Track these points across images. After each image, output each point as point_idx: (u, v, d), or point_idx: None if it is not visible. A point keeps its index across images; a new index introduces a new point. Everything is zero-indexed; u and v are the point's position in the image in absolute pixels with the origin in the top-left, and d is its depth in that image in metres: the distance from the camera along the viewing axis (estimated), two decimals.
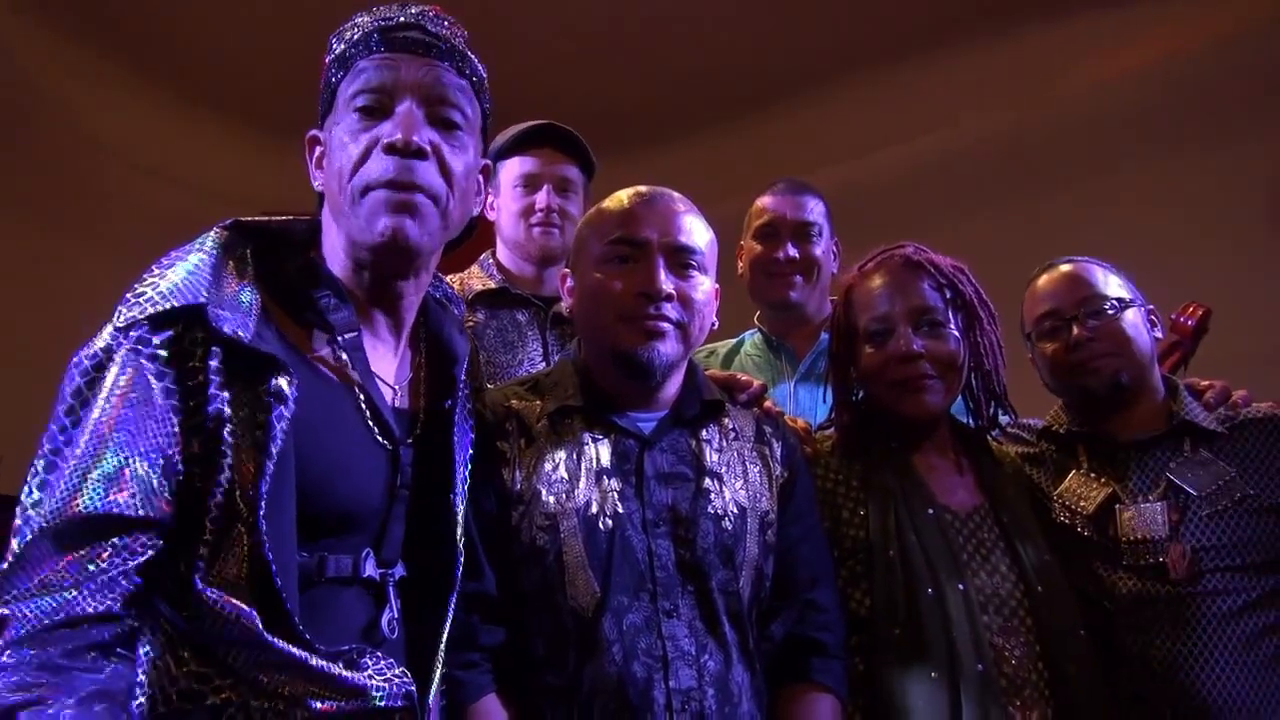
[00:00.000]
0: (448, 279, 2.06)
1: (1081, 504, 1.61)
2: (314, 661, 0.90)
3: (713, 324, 1.41)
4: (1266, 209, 3.67)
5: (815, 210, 2.12)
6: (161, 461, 0.88)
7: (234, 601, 0.87)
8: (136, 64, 4.20)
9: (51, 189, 4.11)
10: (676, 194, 1.42)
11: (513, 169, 2.06)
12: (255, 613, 0.87)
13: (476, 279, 2.09)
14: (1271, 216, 3.66)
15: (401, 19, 1.07)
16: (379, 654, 1.00)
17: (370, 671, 0.97)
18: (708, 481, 1.33)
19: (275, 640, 0.88)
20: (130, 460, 0.87)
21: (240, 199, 4.63)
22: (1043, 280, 1.73)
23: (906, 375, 1.50)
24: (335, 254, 1.10)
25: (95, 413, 0.87)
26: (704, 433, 1.38)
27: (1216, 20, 3.76)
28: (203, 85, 4.34)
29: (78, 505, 0.84)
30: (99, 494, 0.85)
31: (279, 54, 3.85)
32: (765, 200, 2.15)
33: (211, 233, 1.02)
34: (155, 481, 0.87)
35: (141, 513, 0.86)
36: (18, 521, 0.84)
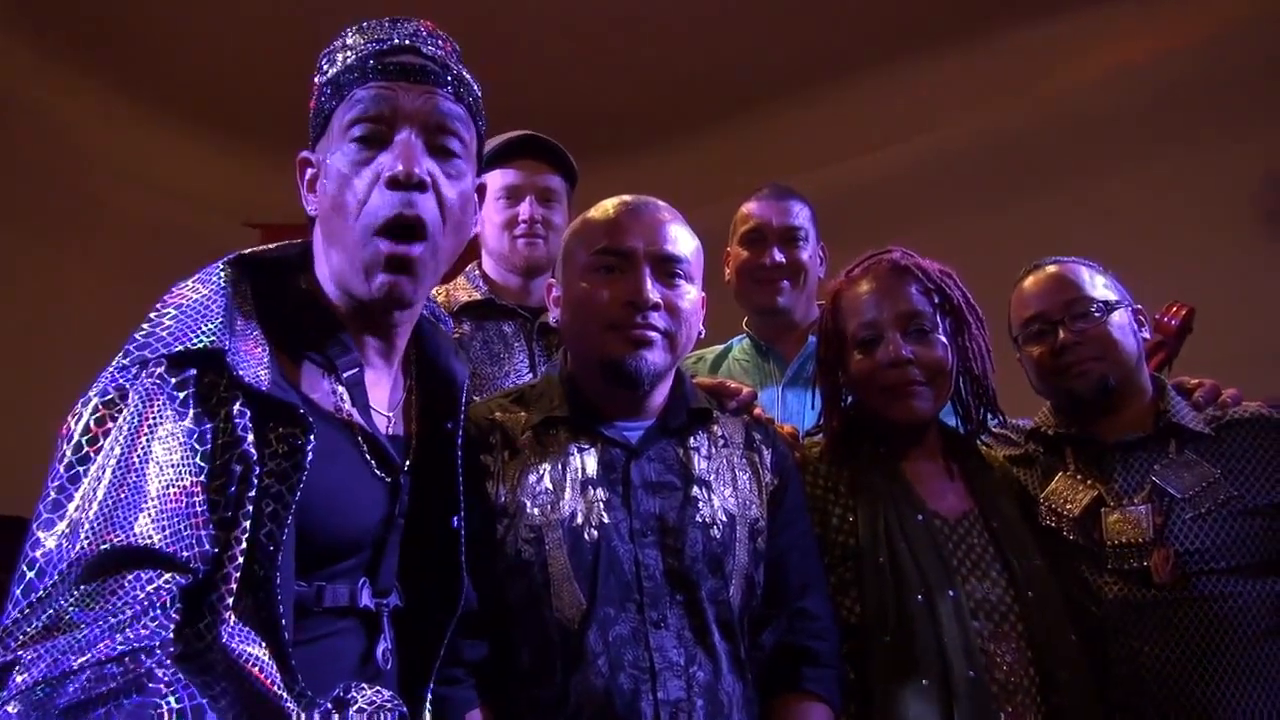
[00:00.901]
0: (433, 290, 2.07)
1: (1067, 507, 1.61)
2: None
3: (700, 332, 1.40)
4: (1255, 206, 3.69)
5: (801, 215, 2.12)
6: (191, 499, 0.84)
7: (257, 657, 0.84)
8: (121, 75, 4.18)
9: (37, 200, 4.09)
10: (662, 203, 1.41)
11: (495, 181, 2.05)
12: (276, 672, 0.85)
13: (462, 290, 2.08)
14: (1260, 214, 3.68)
15: (395, 40, 1.05)
16: (365, 685, 0.98)
17: (360, 703, 0.96)
18: (696, 490, 1.32)
19: (285, 702, 0.86)
20: (163, 493, 0.82)
21: (226, 209, 4.62)
22: (1029, 282, 1.72)
23: (896, 381, 1.50)
24: (329, 280, 1.08)
25: (118, 448, 0.82)
26: (692, 441, 1.38)
27: (1205, 18, 3.79)
28: (187, 95, 4.32)
29: (106, 540, 0.78)
30: (128, 527, 0.79)
31: (265, 64, 3.84)
32: (751, 206, 2.15)
33: (218, 269, 1.00)
34: (186, 520, 0.83)
35: (171, 549, 0.81)
36: (25, 569, 0.77)
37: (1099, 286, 1.67)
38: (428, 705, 1.11)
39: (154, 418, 0.85)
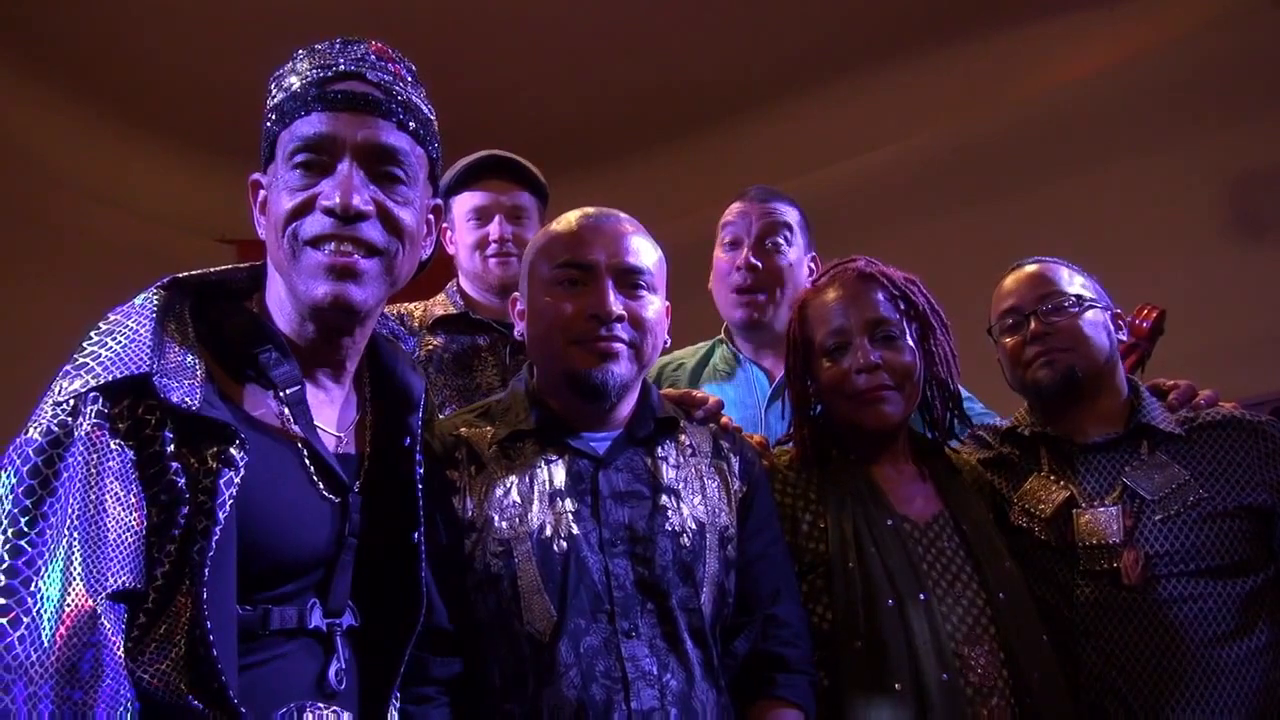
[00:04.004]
0: (412, 305, 2.08)
1: (1040, 507, 1.61)
2: None
3: (665, 340, 1.41)
4: (1225, 208, 3.73)
5: (785, 215, 2.00)
6: (139, 537, 0.88)
7: (173, 683, 0.86)
8: (85, 91, 4.12)
9: (4, 224, 4.04)
10: (623, 214, 1.42)
11: (464, 203, 2.06)
12: (192, 698, 0.86)
13: (439, 306, 2.10)
14: (1230, 215, 3.72)
15: (341, 67, 1.05)
16: (320, 705, 0.99)
17: None
18: (665, 499, 1.32)
19: (199, 706, 0.86)
20: (119, 540, 0.86)
21: (200, 225, 4.59)
22: (1008, 280, 1.74)
23: (865, 387, 1.50)
24: (279, 303, 1.09)
25: (58, 504, 0.85)
26: (660, 450, 1.38)
27: (1170, 22, 3.82)
28: (153, 111, 4.26)
29: (86, 607, 0.82)
30: (101, 584, 0.83)
31: (232, 77, 3.80)
32: (733, 206, 2.04)
33: (149, 294, 1.01)
34: (138, 559, 0.87)
35: (133, 586, 0.86)
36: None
37: (1076, 284, 1.68)
38: None
39: (99, 462, 0.88)
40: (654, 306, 1.36)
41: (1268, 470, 1.54)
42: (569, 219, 1.40)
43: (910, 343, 1.54)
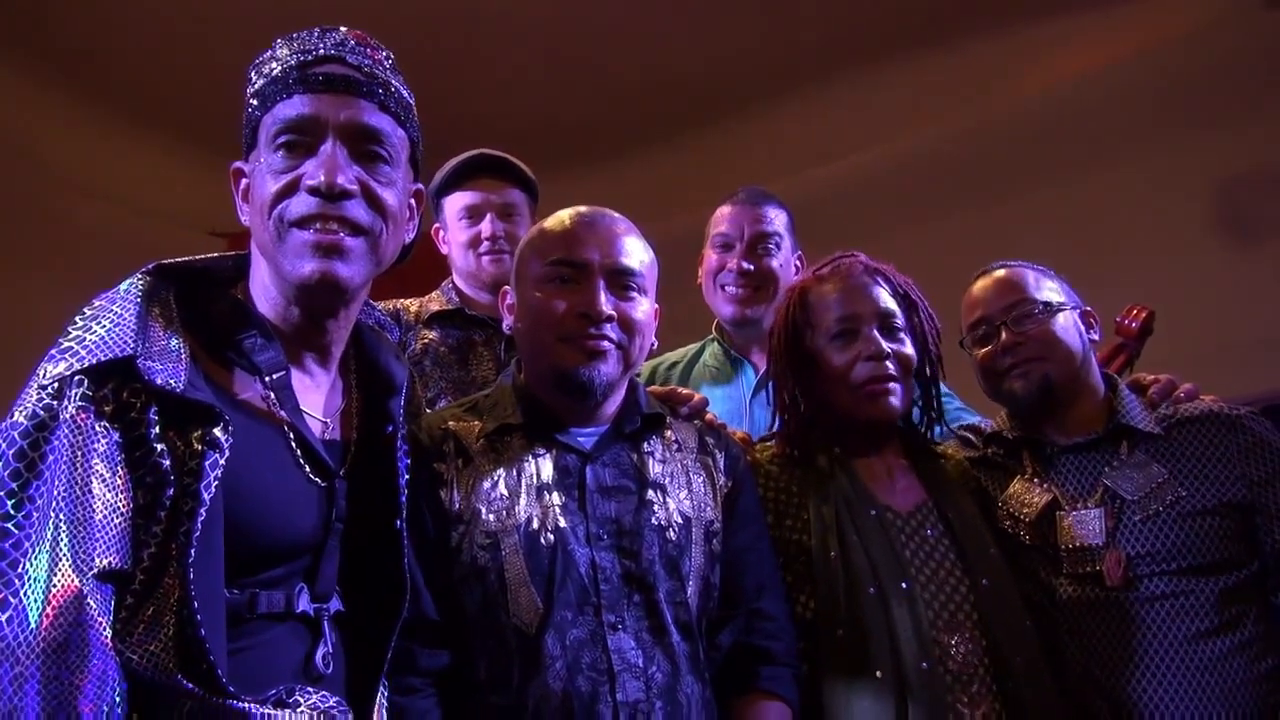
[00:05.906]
0: (407, 301, 2.10)
1: (1024, 510, 1.61)
2: (255, 710, 0.91)
3: (653, 344, 1.42)
4: (1215, 210, 3.74)
5: (775, 221, 2.07)
6: (125, 518, 0.89)
7: (162, 664, 0.88)
8: (80, 87, 4.12)
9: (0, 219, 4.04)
10: (617, 214, 1.43)
11: (455, 203, 2.09)
12: (181, 678, 0.88)
13: (435, 301, 2.13)
14: (1217, 217, 3.74)
15: (321, 51, 1.07)
16: (310, 689, 1.00)
17: (304, 707, 0.97)
18: (651, 493, 1.34)
19: (189, 685, 0.88)
20: (105, 521, 0.87)
21: (191, 219, 4.58)
22: (976, 286, 1.73)
23: (874, 375, 1.50)
24: (264, 289, 1.10)
25: (44, 486, 0.86)
26: (646, 445, 1.40)
27: (1162, 24, 3.83)
28: (148, 106, 4.26)
29: (71, 587, 0.83)
30: (88, 564, 0.85)
31: (225, 73, 3.80)
32: (724, 209, 2.11)
33: (134, 279, 1.02)
34: (125, 539, 0.88)
35: (120, 567, 0.87)
36: None
37: (1043, 289, 1.67)
38: (377, 707, 1.12)
39: (83, 444, 0.89)
40: (643, 308, 1.37)
41: (1246, 465, 1.54)
42: (563, 217, 1.41)
43: (910, 338, 1.56)
